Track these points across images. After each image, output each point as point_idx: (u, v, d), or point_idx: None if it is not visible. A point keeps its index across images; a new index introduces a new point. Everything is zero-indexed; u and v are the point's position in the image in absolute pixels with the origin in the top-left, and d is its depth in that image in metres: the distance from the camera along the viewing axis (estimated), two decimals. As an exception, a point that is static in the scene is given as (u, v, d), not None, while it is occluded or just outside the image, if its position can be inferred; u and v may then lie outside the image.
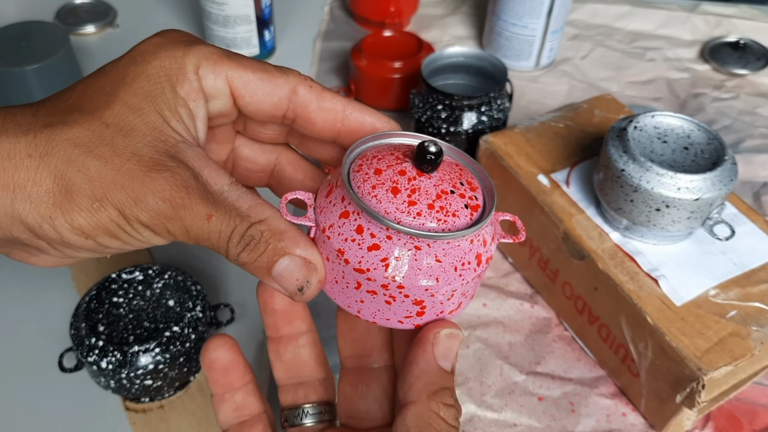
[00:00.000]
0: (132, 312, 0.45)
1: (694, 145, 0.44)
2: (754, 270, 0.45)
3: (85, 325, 0.44)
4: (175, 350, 0.43)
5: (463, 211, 0.25)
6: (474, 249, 0.26)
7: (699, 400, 0.40)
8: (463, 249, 0.25)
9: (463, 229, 0.25)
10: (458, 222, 0.25)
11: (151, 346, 0.43)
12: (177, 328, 0.44)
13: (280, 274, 0.25)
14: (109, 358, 0.42)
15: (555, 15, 0.71)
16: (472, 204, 0.26)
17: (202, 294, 0.47)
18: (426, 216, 0.25)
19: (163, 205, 0.24)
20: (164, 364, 0.43)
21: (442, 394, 0.26)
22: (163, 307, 0.45)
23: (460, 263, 0.25)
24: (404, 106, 0.69)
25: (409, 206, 0.25)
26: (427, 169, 0.26)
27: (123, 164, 0.24)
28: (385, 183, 0.25)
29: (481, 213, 0.26)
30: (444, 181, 0.26)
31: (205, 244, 0.25)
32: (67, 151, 0.24)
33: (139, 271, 0.47)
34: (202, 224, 0.25)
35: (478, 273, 0.26)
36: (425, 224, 0.25)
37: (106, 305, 0.45)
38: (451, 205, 0.25)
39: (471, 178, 0.27)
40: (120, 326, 0.44)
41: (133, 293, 0.46)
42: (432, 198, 0.25)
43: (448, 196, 0.26)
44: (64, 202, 0.24)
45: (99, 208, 0.24)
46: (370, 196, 0.25)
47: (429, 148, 0.25)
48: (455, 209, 0.25)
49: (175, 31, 0.28)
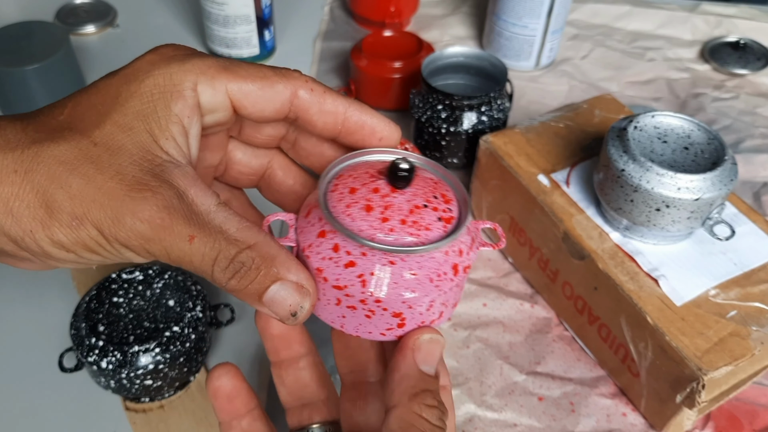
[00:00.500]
0: (132, 312, 0.45)
1: (694, 145, 0.44)
2: (755, 270, 0.45)
3: (85, 325, 0.44)
4: (175, 350, 0.43)
5: (437, 224, 0.26)
6: (450, 260, 0.27)
7: (699, 400, 0.40)
8: (437, 261, 0.26)
9: (436, 242, 0.26)
10: (431, 235, 0.26)
11: (151, 346, 0.43)
12: (177, 328, 0.44)
13: (272, 300, 0.25)
14: (109, 358, 0.42)
15: (555, 15, 0.71)
16: (445, 216, 0.27)
17: (202, 294, 0.47)
18: (399, 231, 0.26)
19: (141, 225, 0.24)
20: (164, 364, 0.43)
21: (424, 395, 0.26)
22: (163, 307, 0.45)
23: (435, 275, 0.26)
24: (404, 106, 0.69)
25: (383, 223, 0.26)
26: (400, 185, 0.27)
27: (105, 183, 0.24)
28: (359, 201, 0.26)
29: (456, 225, 0.27)
30: (417, 196, 0.27)
31: (188, 267, 0.25)
32: (51, 167, 0.24)
33: (139, 271, 0.47)
34: (183, 246, 0.24)
35: (456, 282, 0.27)
36: (399, 239, 0.26)
37: (106, 305, 0.45)
38: (424, 219, 0.26)
39: (446, 191, 0.28)
40: (120, 326, 0.44)
41: (134, 293, 0.46)
42: (405, 213, 0.26)
43: (421, 210, 0.26)
44: (45, 218, 0.24)
45: (78, 225, 0.24)
46: (345, 215, 0.26)
47: (400, 165, 0.26)
48: (428, 223, 0.26)
49: (170, 46, 0.28)
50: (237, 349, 0.50)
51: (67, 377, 0.47)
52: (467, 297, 0.53)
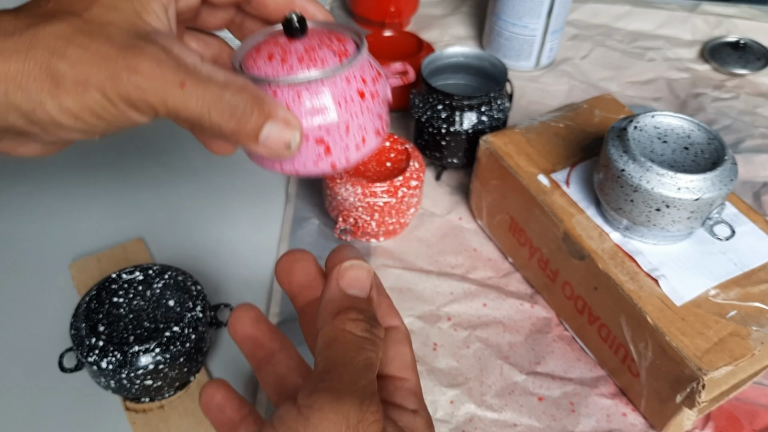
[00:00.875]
0: (132, 312, 0.45)
1: (694, 145, 0.44)
2: (755, 270, 0.45)
3: (85, 325, 0.44)
4: (176, 350, 0.43)
5: (333, 58, 0.31)
6: (353, 86, 0.31)
7: (699, 400, 0.40)
8: (341, 87, 0.31)
9: (332, 72, 0.30)
10: (329, 66, 0.30)
11: (151, 346, 0.43)
12: (177, 328, 0.44)
13: (268, 137, 0.28)
14: (109, 358, 0.42)
15: (555, 15, 0.71)
16: (340, 51, 0.31)
17: (202, 294, 0.47)
18: (297, 68, 0.30)
19: (136, 77, 0.27)
20: (164, 364, 0.43)
21: (348, 311, 0.27)
22: (163, 307, 0.45)
23: (342, 99, 0.31)
24: (404, 106, 0.69)
25: (283, 64, 0.30)
26: (296, 35, 0.31)
27: (99, 48, 0.27)
28: (262, 54, 0.31)
29: (353, 57, 0.31)
30: (313, 41, 0.31)
31: (184, 114, 0.27)
32: (50, 43, 0.27)
33: (139, 271, 0.47)
34: (176, 92, 0.27)
35: (366, 106, 0.31)
36: (299, 74, 0.30)
37: (107, 305, 0.45)
38: (319, 55, 0.30)
39: (342, 36, 0.32)
40: (120, 326, 0.44)
41: (134, 293, 0.46)
42: (301, 54, 0.30)
43: (317, 50, 0.31)
44: (52, 88, 0.27)
45: (83, 91, 0.27)
46: (253, 67, 0.31)
47: (293, 17, 0.31)
48: (323, 57, 0.30)
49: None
50: (237, 349, 0.50)
51: (67, 377, 0.47)
52: (467, 297, 0.53)
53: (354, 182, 0.53)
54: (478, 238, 0.58)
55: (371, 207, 0.53)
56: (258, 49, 0.31)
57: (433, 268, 0.55)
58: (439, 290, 0.54)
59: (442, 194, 0.62)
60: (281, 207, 0.60)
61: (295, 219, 0.59)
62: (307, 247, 0.56)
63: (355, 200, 0.53)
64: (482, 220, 0.58)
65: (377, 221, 0.54)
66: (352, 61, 0.31)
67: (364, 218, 0.54)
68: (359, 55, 0.31)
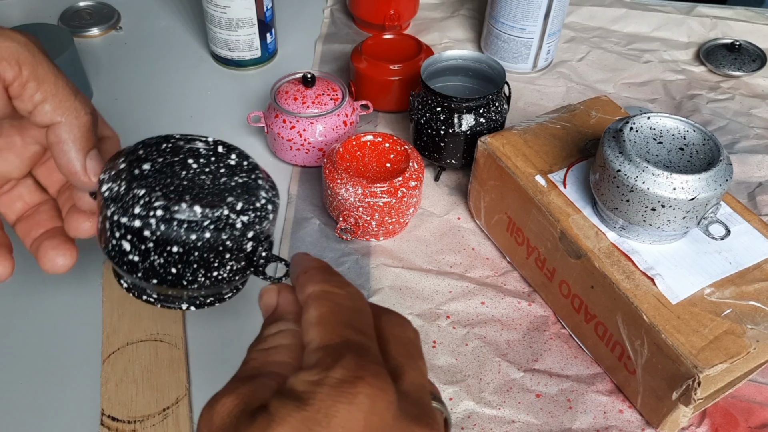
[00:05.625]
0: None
1: (689, 145, 0.44)
2: (749, 269, 0.45)
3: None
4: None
5: (330, 102, 0.62)
6: (341, 119, 0.62)
7: (695, 398, 0.41)
8: (334, 119, 0.62)
9: (331, 110, 0.61)
10: (328, 107, 0.61)
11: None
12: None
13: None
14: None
15: (552, 18, 0.72)
16: (335, 98, 0.62)
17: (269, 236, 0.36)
18: (310, 107, 0.61)
19: None
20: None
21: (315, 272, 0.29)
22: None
23: (335, 126, 0.62)
24: (404, 108, 0.70)
25: (302, 104, 0.61)
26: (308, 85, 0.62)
27: None
28: (290, 95, 0.62)
29: (340, 101, 0.62)
30: (318, 90, 0.62)
31: None
32: None
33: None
34: None
35: (347, 131, 0.63)
36: (311, 110, 0.61)
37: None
38: (323, 100, 0.61)
39: (335, 87, 0.63)
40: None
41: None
42: (313, 98, 0.61)
43: (321, 96, 0.62)
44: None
45: None
46: (284, 103, 0.61)
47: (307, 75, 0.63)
48: (326, 102, 0.61)
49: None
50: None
51: (76, 375, 0.47)
52: (465, 295, 0.54)
53: (354, 183, 0.54)
54: (476, 237, 0.59)
55: (371, 207, 0.54)
56: (287, 92, 0.62)
57: (432, 267, 0.56)
58: (437, 289, 0.54)
59: (441, 194, 0.63)
60: (282, 207, 0.61)
61: (295, 219, 0.59)
62: (308, 247, 0.57)
63: (355, 200, 0.53)
64: (480, 219, 0.59)
65: (377, 221, 0.55)
66: (341, 105, 0.62)
67: (364, 218, 0.55)
68: (345, 101, 0.62)
